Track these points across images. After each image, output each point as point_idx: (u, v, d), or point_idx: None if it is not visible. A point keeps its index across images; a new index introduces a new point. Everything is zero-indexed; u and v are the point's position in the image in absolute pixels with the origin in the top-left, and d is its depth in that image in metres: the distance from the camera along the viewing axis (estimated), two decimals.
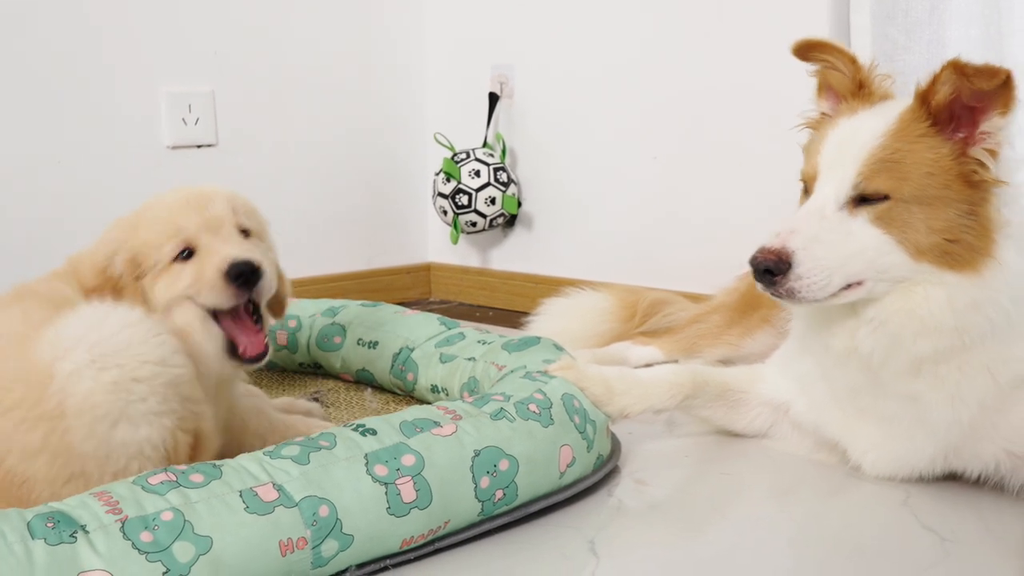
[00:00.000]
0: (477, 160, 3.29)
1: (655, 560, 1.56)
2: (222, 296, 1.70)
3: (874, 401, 1.77)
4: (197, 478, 1.38)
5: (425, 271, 3.73)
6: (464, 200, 3.26)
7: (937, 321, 1.63)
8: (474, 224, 3.31)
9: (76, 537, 1.26)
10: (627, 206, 3.15)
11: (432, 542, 1.54)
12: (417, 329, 2.31)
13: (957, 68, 1.57)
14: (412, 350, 2.27)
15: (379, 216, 3.60)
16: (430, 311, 3.44)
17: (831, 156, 1.69)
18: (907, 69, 2.55)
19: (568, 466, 1.69)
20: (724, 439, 2.05)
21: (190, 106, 3.11)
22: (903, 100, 1.72)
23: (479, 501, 1.56)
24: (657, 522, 1.72)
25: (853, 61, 1.79)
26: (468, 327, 2.30)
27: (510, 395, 1.70)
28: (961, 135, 1.63)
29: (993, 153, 1.61)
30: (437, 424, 1.57)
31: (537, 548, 1.59)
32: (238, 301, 1.73)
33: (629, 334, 2.65)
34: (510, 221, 3.42)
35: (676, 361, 2.48)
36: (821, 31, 2.64)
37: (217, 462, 1.44)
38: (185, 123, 3.11)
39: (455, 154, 3.33)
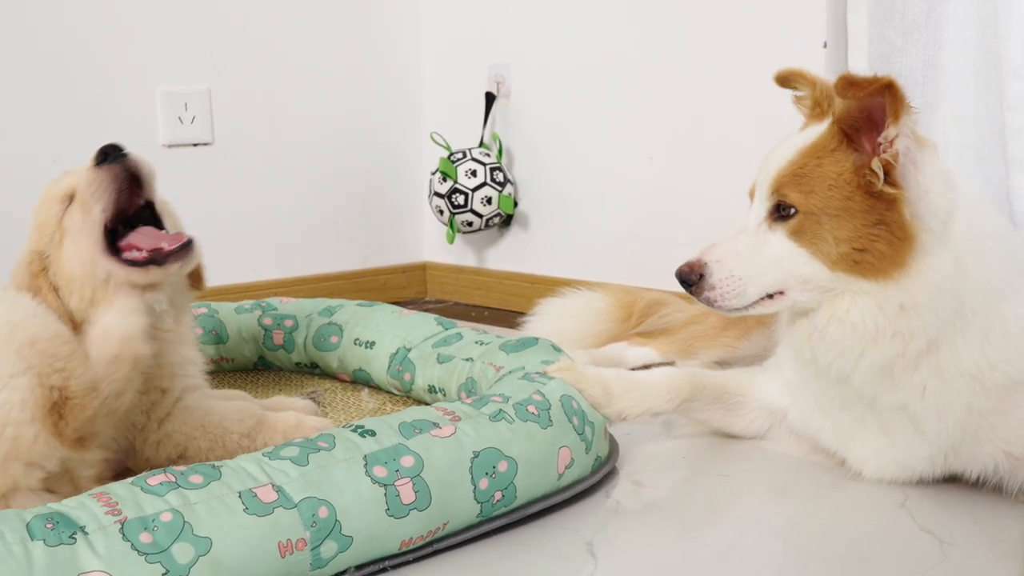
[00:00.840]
0: (473, 160, 3.28)
1: (653, 561, 1.57)
2: (99, 189, 1.70)
3: (869, 412, 1.78)
4: (196, 479, 1.38)
5: (421, 270, 3.73)
6: (460, 200, 3.26)
7: (870, 327, 1.68)
8: (470, 224, 3.31)
9: (75, 538, 1.26)
10: (623, 206, 3.16)
11: (431, 543, 1.54)
12: (414, 329, 2.31)
13: (839, 82, 1.63)
14: (409, 350, 2.26)
15: (375, 215, 3.60)
16: (426, 311, 3.44)
17: (762, 173, 1.77)
18: (904, 71, 2.56)
19: (567, 468, 1.69)
20: (721, 440, 2.06)
21: (186, 105, 3.10)
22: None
23: (478, 502, 1.56)
24: (655, 523, 1.72)
25: (813, 83, 1.84)
26: (465, 327, 2.29)
27: (509, 396, 1.70)
28: (868, 148, 1.67)
29: (889, 163, 1.63)
30: (436, 425, 1.57)
31: (535, 550, 1.59)
32: (117, 185, 1.74)
33: (625, 335, 2.65)
34: (506, 221, 3.42)
35: (672, 362, 2.49)
36: (818, 33, 2.65)
37: (216, 463, 1.44)
38: (181, 122, 3.10)
39: (451, 153, 3.33)
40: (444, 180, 3.29)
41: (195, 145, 3.15)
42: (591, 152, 3.22)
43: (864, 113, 1.65)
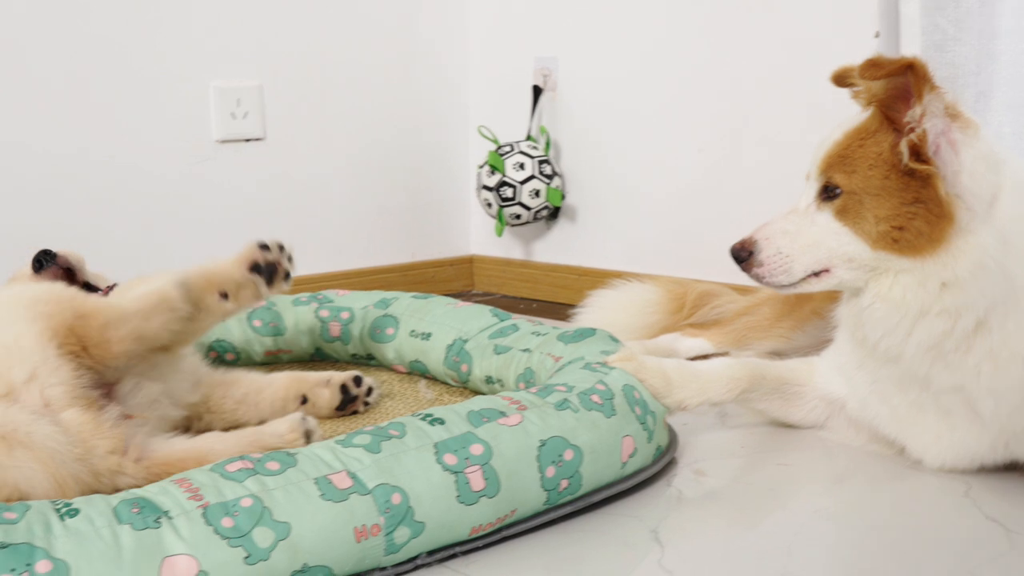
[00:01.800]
0: (521, 153, 3.30)
1: (718, 548, 1.58)
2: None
3: (926, 394, 1.79)
4: (273, 465, 1.41)
5: (468, 263, 3.75)
6: (509, 193, 3.28)
7: (914, 305, 1.72)
8: (518, 217, 3.33)
9: (160, 522, 1.29)
10: (672, 197, 3.16)
11: (499, 530, 1.56)
12: (470, 321, 2.33)
13: (862, 65, 1.70)
14: (466, 341, 2.29)
15: (422, 209, 3.63)
16: (473, 303, 3.47)
17: (814, 155, 1.84)
18: (958, 60, 2.55)
19: (630, 456, 1.71)
20: (778, 430, 2.07)
21: (239, 100, 3.14)
22: None
23: (545, 490, 1.58)
24: (717, 511, 1.73)
25: None
26: (521, 319, 2.31)
27: (573, 386, 1.72)
28: (904, 128, 1.70)
29: (915, 143, 1.67)
30: (503, 414, 1.59)
31: (601, 537, 1.61)
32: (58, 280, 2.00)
33: (677, 326, 2.66)
34: (554, 213, 3.44)
35: (726, 353, 2.49)
36: (870, 23, 2.64)
37: (291, 450, 1.47)
38: (234, 117, 3.14)
39: (499, 147, 3.35)
40: (492, 173, 3.31)
41: (247, 140, 3.18)
42: (639, 144, 3.22)
43: (896, 93, 1.70)
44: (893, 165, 1.71)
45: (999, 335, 1.69)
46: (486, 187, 3.34)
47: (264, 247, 1.89)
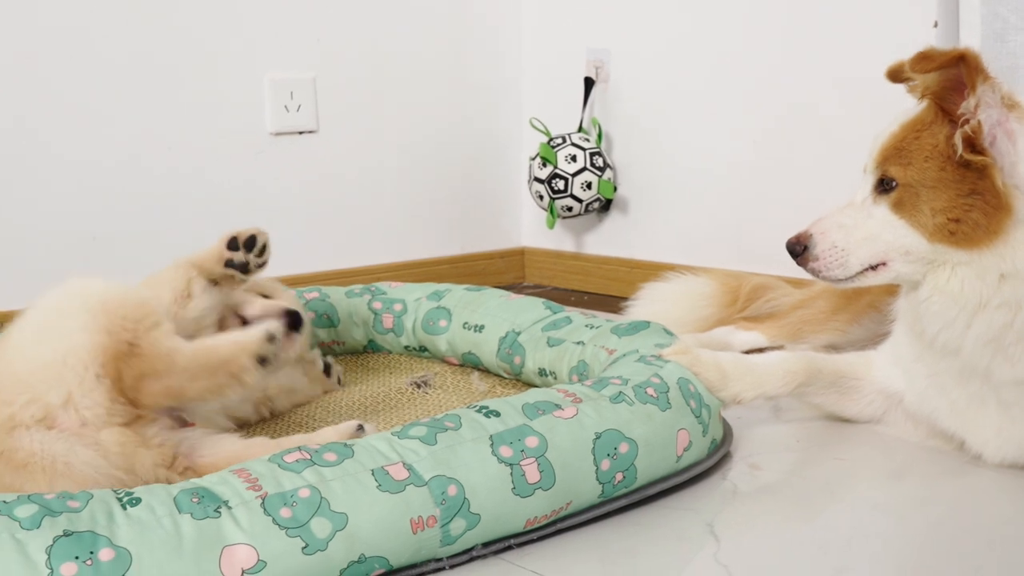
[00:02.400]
0: (573, 145, 3.30)
1: (775, 542, 1.57)
2: None
3: (986, 387, 1.76)
4: (330, 456, 1.42)
5: (519, 255, 3.75)
6: (560, 185, 3.28)
7: (972, 298, 1.70)
8: (570, 209, 3.32)
9: (220, 512, 1.30)
10: (726, 190, 3.14)
11: (554, 523, 1.56)
12: (522, 313, 2.33)
13: (912, 58, 1.70)
14: (519, 334, 2.29)
15: (474, 201, 3.63)
16: (524, 296, 3.47)
17: (871, 148, 1.83)
18: (1017, 49, 2.51)
19: (685, 450, 1.70)
20: (833, 424, 2.05)
21: (292, 93, 3.16)
22: None
23: (600, 483, 1.58)
24: (773, 506, 1.72)
25: None
26: (574, 311, 2.31)
27: (628, 379, 1.72)
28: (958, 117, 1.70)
29: (970, 135, 1.66)
30: (558, 407, 1.59)
31: (656, 530, 1.61)
32: None
33: (731, 319, 2.64)
34: (605, 206, 3.43)
35: (781, 346, 2.48)
36: (928, 12, 2.61)
37: (348, 441, 1.48)
38: (287, 109, 3.16)
39: (551, 139, 3.34)
40: (544, 165, 3.30)
41: (300, 133, 3.20)
42: (692, 136, 3.21)
43: (949, 85, 1.69)
44: (949, 157, 1.70)
45: None
46: (537, 179, 3.33)
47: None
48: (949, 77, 1.68)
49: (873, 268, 1.82)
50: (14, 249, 2.75)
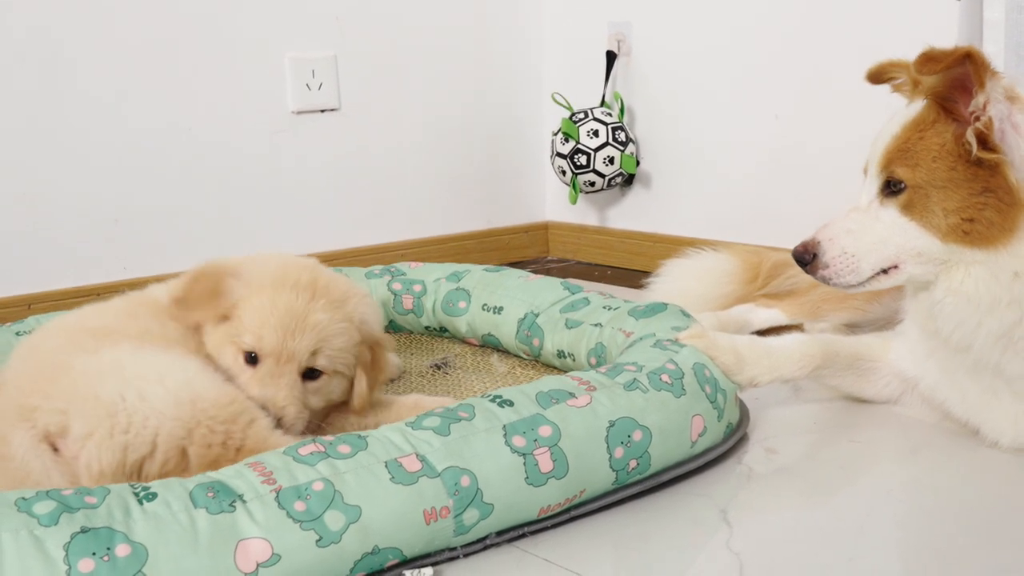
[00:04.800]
0: (595, 120, 3.29)
1: (787, 528, 1.58)
2: None
3: (999, 380, 1.76)
4: (344, 449, 1.44)
5: (543, 230, 3.76)
6: (583, 160, 3.27)
7: (986, 297, 1.69)
8: (592, 184, 3.32)
9: (235, 506, 1.32)
10: (748, 164, 3.13)
11: (568, 510, 1.58)
12: (541, 294, 2.34)
13: (917, 60, 1.67)
14: (537, 315, 2.29)
15: (497, 176, 3.63)
16: (548, 270, 3.49)
17: (872, 151, 1.81)
18: None
19: (699, 435, 1.71)
20: (852, 405, 2.05)
21: (313, 71, 3.17)
22: None
23: (613, 471, 1.59)
24: (788, 489, 1.73)
25: (905, 66, 1.85)
26: (592, 292, 2.31)
27: (642, 365, 1.72)
28: (965, 117, 1.67)
29: (982, 131, 1.64)
30: (572, 395, 1.60)
31: (669, 516, 1.62)
32: None
33: (751, 296, 2.63)
34: (628, 180, 3.42)
35: (800, 325, 2.47)
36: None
37: (362, 432, 1.49)
38: (309, 88, 3.17)
39: (573, 114, 3.33)
40: (566, 141, 3.30)
41: (322, 111, 3.21)
42: (714, 110, 3.19)
43: (953, 84, 1.67)
44: (959, 156, 1.68)
45: None
46: (560, 155, 3.33)
47: None
48: (955, 76, 1.66)
49: (884, 272, 1.79)
50: (39, 231, 2.78)
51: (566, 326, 2.21)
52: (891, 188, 1.76)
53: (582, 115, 3.31)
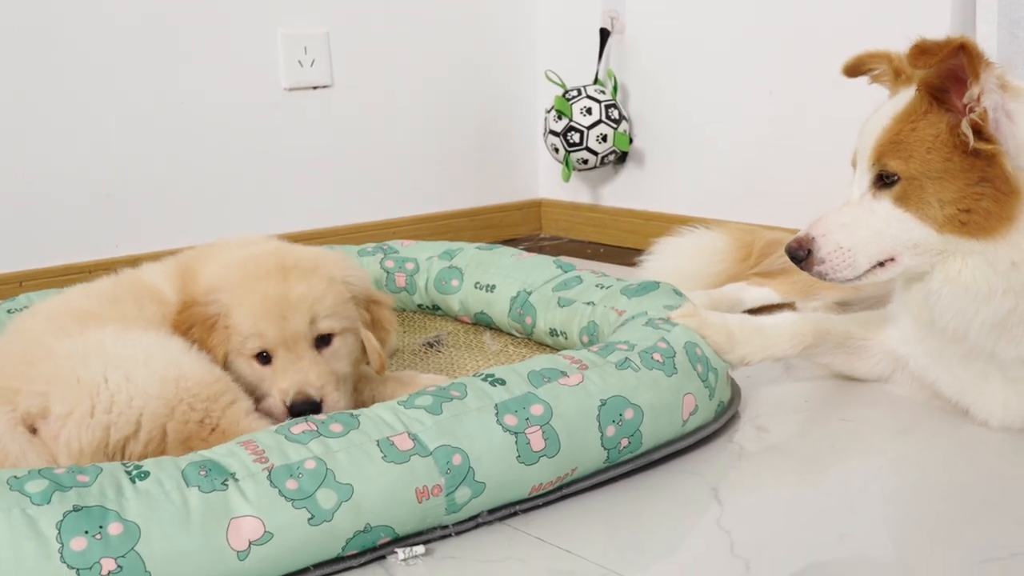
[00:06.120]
0: (588, 97, 3.28)
1: (777, 506, 1.59)
2: (285, 418, 1.75)
3: (991, 366, 1.77)
4: (336, 428, 1.44)
5: (536, 207, 3.75)
6: (576, 138, 3.27)
7: (983, 287, 1.69)
8: (585, 161, 3.31)
9: (227, 485, 1.33)
10: (741, 142, 3.12)
11: (559, 488, 1.58)
12: (534, 273, 2.34)
13: (911, 52, 1.65)
14: (530, 294, 2.30)
15: (490, 153, 3.63)
16: (541, 247, 3.49)
17: (861, 143, 1.79)
18: None
19: (691, 414, 1.72)
20: (843, 383, 2.05)
21: (306, 48, 3.15)
22: None
23: (605, 449, 1.59)
24: (778, 468, 1.74)
25: (885, 57, 1.86)
26: (585, 271, 2.31)
27: (634, 344, 1.73)
28: (959, 107, 1.66)
29: (977, 122, 1.63)
30: (564, 374, 1.61)
31: (661, 494, 1.63)
32: None
33: (744, 275, 2.63)
34: (621, 158, 3.42)
35: (792, 303, 2.48)
36: None
37: (354, 411, 1.50)
38: (301, 65, 3.15)
39: (566, 91, 3.32)
40: (559, 118, 3.29)
41: (315, 88, 3.20)
42: (707, 87, 3.18)
43: (946, 75, 1.66)
44: (954, 146, 1.66)
45: None
46: (553, 132, 3.32)
47: None
48: (948, 67, 1.64)
49: (881, 264, 1.78)
50: (30, 208, 2.78)
51: (559, 304, 2.21)
52: (884, 181, 1.74)
53: (575, 93, 3.30)
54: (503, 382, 1.57)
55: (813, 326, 1.95)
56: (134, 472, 1.33)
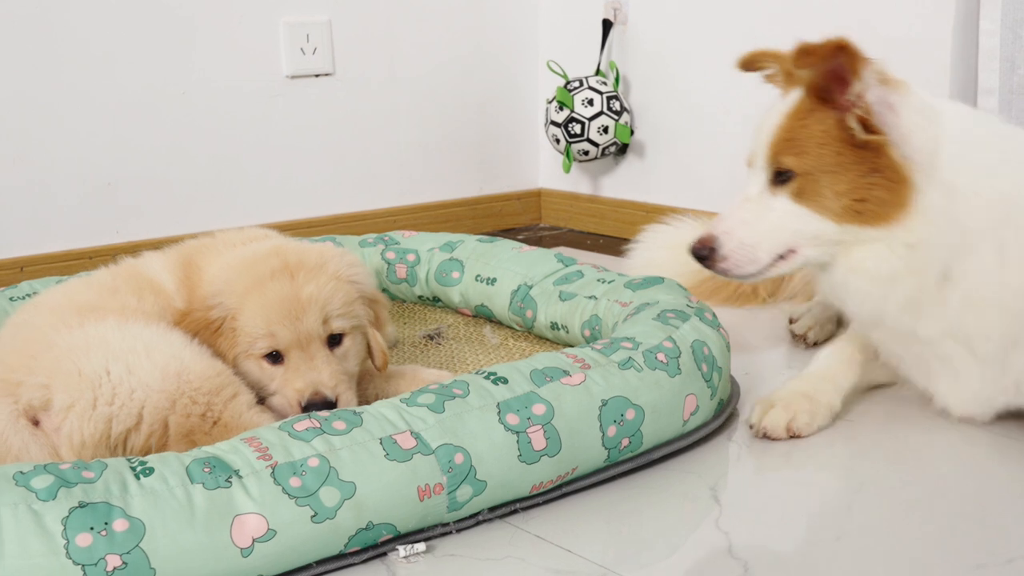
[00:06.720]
0: (590, 89, 3.28)
1: (775, 506, 1.60)
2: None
3: (926, 347, 1.82)
4: (339, 425, 1.45)
5: (536, 197, 3.75)
6: (577, 129, 3.27)
7: (885, 271, 1.75)
8: (586, 153, 3.32)
9: (231, 482, 1.33)
10: (742, 135, 3.10)
11: (559, 487, 1.59)
12: (535, 266, 2.34)
13: (794, 54, 1.74)
14: (531, 287, 2.30)
15: (491, 143, 3.63)
16: (540, 237, 3.49)
17: (756, 142, 1.85)
18: None
19: (691, 414, 1.73)
20: None
21: (308, 36, 3.15)
22: None
23: (606, 448, 1.60)
24: (777, 468, 1.75)
25: (776, 57, 1.93)
26: (586, 264, 2.31)
27: (639, 342, 1.73)
28: (843, 103, 1.72)
29: (863, 117, 1.70)
30: (566, 373, 1.61)
31: (660, 493, 1.64)
32: None
33: None
34: (622, 149, 3.42)
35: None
36: None
37: (357, 409, 1.50)
38: (303, 53, 3.15)
39: (568, 82, 3.32)
40: (561, 109, 3.29)
41: (316, 76, 3.20)
42: (709, 80, 3.18)
43: (829, 75, 1.71)
44: (844, 140, 1.72)
45: (966, 281, 1.74)
46: (554, 123, 3.32)
47: None
48: (831, 67, 1.70)
49: (782, 257, 1.82)
50: (32, 194, 2.78)
51: (560, 298, 2.22)
52: (780, 177, 1.79)
53: (577, 84, 3.30)
54: (505, 380, 1.57)
55: (854, 359, 1.96)
56: (139, 468, 1.33)
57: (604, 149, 3.32)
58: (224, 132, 3.06)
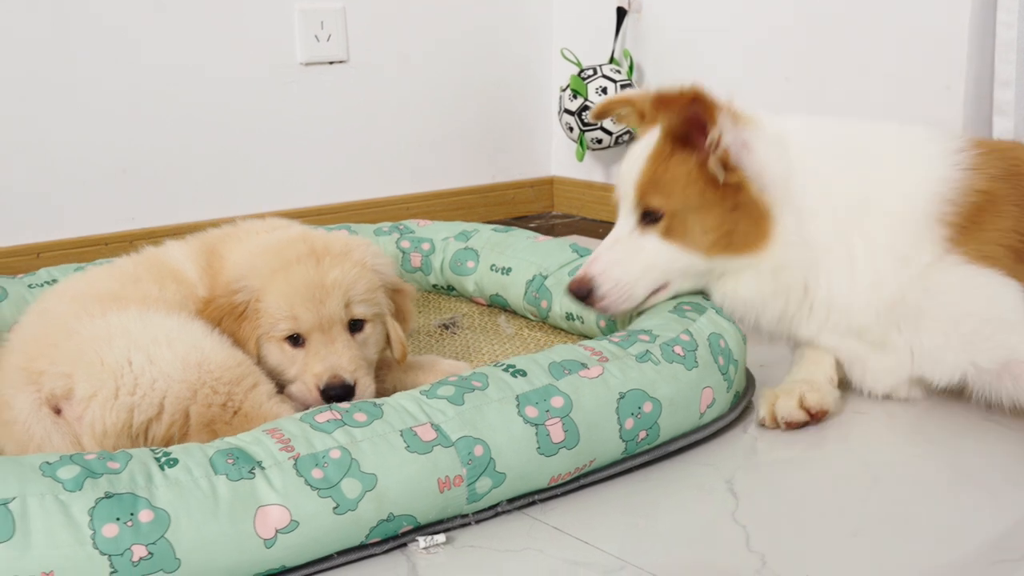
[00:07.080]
0: (604, 77, 3.28)
1: (792, 499, 1.60)
2: (315, 401, 1.76)
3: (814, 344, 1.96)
4: (360, 417, 1.46)
5: (548, 185, 3.76)
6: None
7: (755, 296, 1.89)
8: (600, 141, 3.32)
9: (254, 473, 1.35)
10: None
11: (577, 479, 1.60)
12: (550, 256, 2.35)
13: (652, 102, 1.90)
14: (546, 277, 2.31)
15: (504, 131, 3.63)
16: (552, 225, 3.50)
17: (622, 183, 1.94)
18: None
19: (708, 407, 1.74)
20: None
21: (322, 23, 3.15)
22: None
23: (623, 441, 1.61)
24: (792, 460, 1.75)
25: (629, 101, 2.05)
26: None
27: (656, 335, 1.74)
28: (703, 146, 1.82)
29: (723, 160, 1.80)
30: (584, 366, 1.62)
31: (677, 485, 1.65)
32: None
33: None
34: (635, 138, 3.41)
35: None
36: None
37: (377, 400, 1.51)
38: (318, 40, 3.15)
39: (582, 70, 3.32)
40: (575, 97, 3.29)
41: (331, 63, 3.20)
42: (724, 70, 3.17)
43: (687, 122, 1.82)
44: (706, 180, 1.82)
45: (821, 291, 1.88)
46: (568, 111, 3.33)
47: None
48: (688, 114, 1.80)
49: (656, 291, 1.92)
50: (47, 180, 2.79)
51: None
52: (649, 217, 1.88)
53: (591, 72, 3.30)
54: (524, 373, 1.58)
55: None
56: (163, 459, 1.34)
57: (618, 138, 3.32)
58: (239, 119, 3.07)
